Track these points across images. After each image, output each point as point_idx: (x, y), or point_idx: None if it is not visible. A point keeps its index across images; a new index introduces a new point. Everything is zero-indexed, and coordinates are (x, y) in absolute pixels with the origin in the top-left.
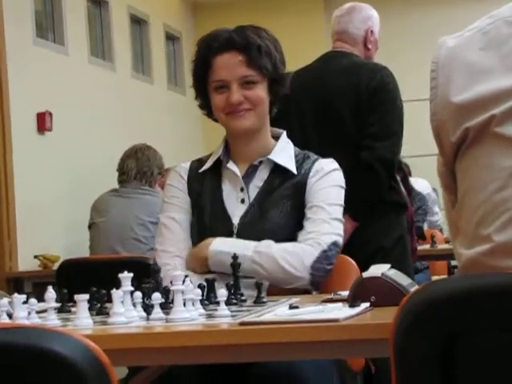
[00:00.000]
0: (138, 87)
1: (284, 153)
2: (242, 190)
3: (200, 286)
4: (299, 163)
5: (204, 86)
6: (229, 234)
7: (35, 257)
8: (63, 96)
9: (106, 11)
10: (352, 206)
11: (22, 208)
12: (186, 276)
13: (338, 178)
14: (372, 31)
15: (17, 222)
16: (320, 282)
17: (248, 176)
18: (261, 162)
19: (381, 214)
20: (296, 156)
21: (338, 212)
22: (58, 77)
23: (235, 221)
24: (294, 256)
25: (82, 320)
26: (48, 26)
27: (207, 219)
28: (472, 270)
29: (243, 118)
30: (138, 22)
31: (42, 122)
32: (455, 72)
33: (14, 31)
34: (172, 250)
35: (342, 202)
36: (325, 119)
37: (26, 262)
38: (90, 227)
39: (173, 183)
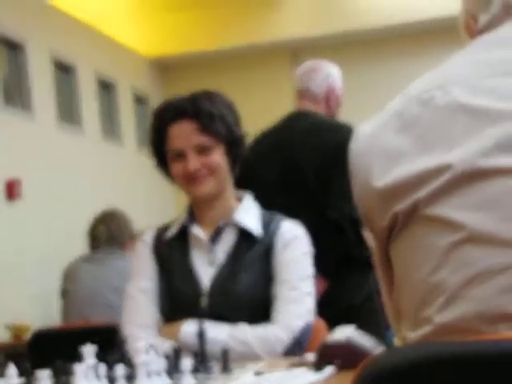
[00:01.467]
0: (108, 151)
1: (248, 214)
2: (209, 253)
3: (166, 356)
4: (265, 224)
5: (163, 154)
6: (199, 298)
7: (6, 327)
8: (32, 162)
9: (73, 76)
10: (321, 266)
11: None
12: (151, 346)
13: (304, 243)
14: (334, 88)
15: None
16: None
17: (214, 239)
18: (226, 225)
19: (349, 271)
20: (261, 217)
21: (309, 284)
22: (26, 143)
23: (205, 284)
24: (267, 344)
25: None
26: (14, 92)
27: (177, 284)
28: None
29: (202, 184)
30: (105, 86)
31: (11, 190)
32: (374, 158)
33: None
34: (136, 321)
35: (311, 270)
36: (289, 180)
37: None
38: (61, 295)
39: (138, 252)
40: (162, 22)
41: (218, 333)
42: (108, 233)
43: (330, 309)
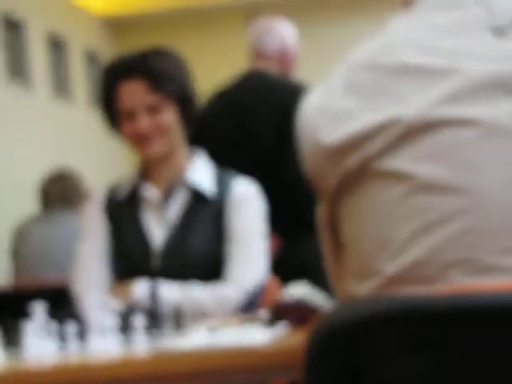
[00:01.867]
0: (58, 108)
1: (201, 173)
2: (161, 213)
3: (119, 313)
4: (218, 182)
5: (113, 112)
6: (151, 258)
7: None
8: None
9: (23, 32)
10: (276, 225)
11: None
12: (104, 303)
13: (258, 203)
14: (288, 48)
15: None
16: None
17: (166, 199)
18: (178, 185)
19: (303, 231)
20: (215, 175)
21: (261, 243)
22: None
23: (157, 244)
24: (219, 302)
25: None
26: None
27: (128, 244)
28: None
29: (153, 145)
30: (56, 43)
31: None
32: (321, 119)
33: None
34: (87, 280)
35: (264, 229)
36: (246, 138)
37: None
38: (12, 254)
39: (89, 211)
40: None
41: (170, 292)
42: (60, 192)
43: (284, 267)
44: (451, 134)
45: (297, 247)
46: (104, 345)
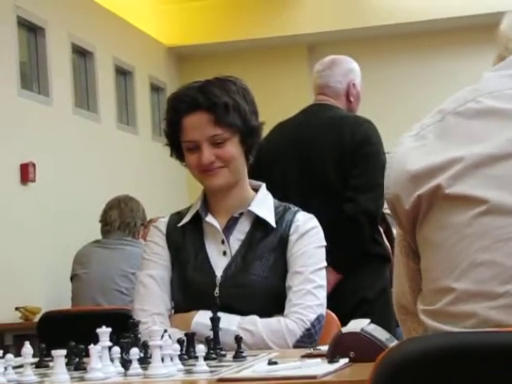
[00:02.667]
0: (123, 138)
1: (263, 205)
2: (223, 242)
3: (179, 341)
4: (279, 215)
5: (178, 144)
6: (212, 287)
7: (16, 309)
8: (47, 147)
9: (91, 62)
10: (335, 259)
11: (4, 259)
12: (165, 331)
13: (319, 236)
14: (354, 84)
15: None
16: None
17: (228, 228)
18: (241, 214)
19: (364, 266)
20: (276, 208)
21: (322, 277)
22: (42, 128)
23: (218, 273)
24: (278, 335)
25: (59, 376)
26: (33, 76)
27: (190, 272)
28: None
29: (216, 176)
30: (123, 73)
31: (26, 173)
32: (411, 155)
33: None
34: (149, 308)
35: (324, 263)
36: (308, 173)
37: (6, 314)
38: (72, 279)
39: (152, 239)
40: (182, 12)
41: (229, 324)
42: (120, 219)
43: (343, 304)
44: None
45: (357, 282)
46: (165, 372)
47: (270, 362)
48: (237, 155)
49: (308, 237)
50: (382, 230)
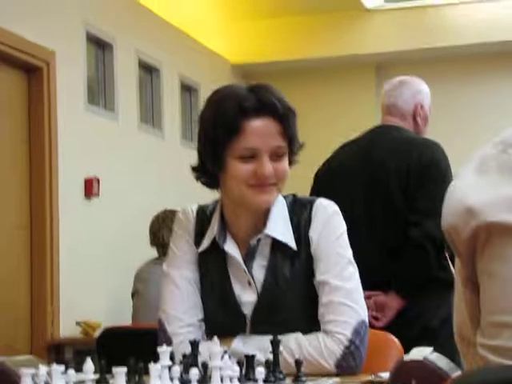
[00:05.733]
0: (187, 155)
1: (279, 222)
2: (245, 272)
3: (238, 363)
4: (295, 228)
5: (219, 150)
6: (238, 327)
7: (77, 323)
8: (112, 162)
9: (157, 78)
10: (400, 284)
11: (66, 273)
12: (225, 352)
13: (335, 230)
14: (422, 105)
15: (60, 288)
16: (352, 368)
17: (250, 254)
18: (259, 240)
19: (429, 292)
20: (291, 218)
21: (351, 277)
22: (108, 143)
23: (247, 311)
24: (319, 356)
25: None
26: (99, 92)
27: (215, 305)
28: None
29: (269, 193)
30: (188, 90)
31: (90, 188)
32: (471, 189)
33: (66, 97)
34: (184, 318)
35: (349, 253)
36: (374, 195)
37: (67, 329)
38: (132, 295)
39: (181, 230)
40: (249, 30)
41: (268, 349)
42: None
43: (407, 330)
44: None
45: (421, 309)
46: None
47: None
48: (288, 174)
49: (327, 232)
50: (447, 256)
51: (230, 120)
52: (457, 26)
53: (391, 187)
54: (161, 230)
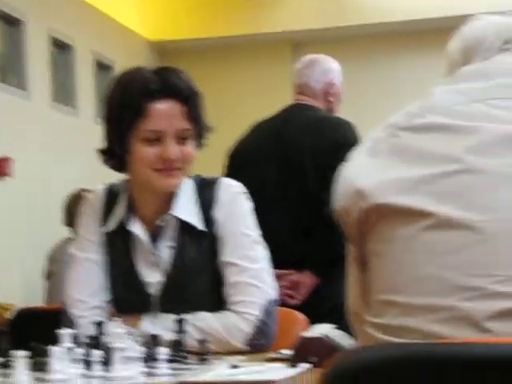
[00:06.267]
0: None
1: (186, 203)
2: (152, 253)
3: (143, 343)
4: (204, 208)
5: (125, 132)
6: (144, 307)
7: None
8: (25, 141)
9: (70, 56)
10: (313, 262)
11: None
12: (130, 333)
13: (244, 208)
14: (333, 84)
15: None
16: (263, 346)
17: (156, 235)
18: (166, 221)
19: (341, 270)
20: (199, 199)
21: (260, 258)
22: (20, 122)
23: (154, 290)
24: (229, 335)
25: (20, 377)
26: (10, 70)
27: (119, 287)
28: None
29: (174, 177)
30: (103, 68)
31: (2, 167)
32: (361, 170)
33: None
34: (89, 300)
35: (257, 231)
36: (288, 174)
37: None
38: (46, 276)
39: (89, 210)
40: (165, 6)
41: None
42: None
43: (319, 307)
44: (468, 179)
45: (332, 286)
46: (128, 374)
47: (232, 366)
48: (194, 158)
49: (232, 212)
50: None
51: (135, 102)
52: (371, 4)
53: (305, 167)
54: (75, 209)
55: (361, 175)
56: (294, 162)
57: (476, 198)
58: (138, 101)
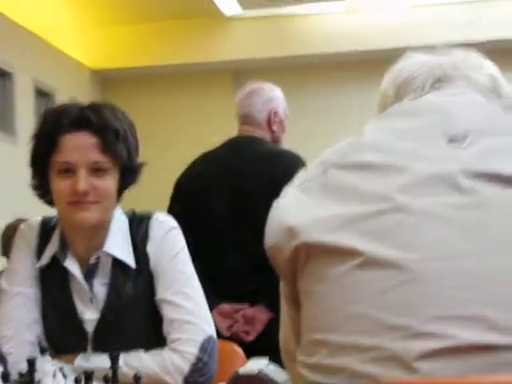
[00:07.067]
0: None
1: (119, 239)
2: (87, 289)
3: (76, 380)
4: (134, 245)
5: (44, 166)
6: (81, 342)
7: None
8: None
9: (10, 83)
10: (267, 296)
11: None
12: (60, 369)
13: (177, 244)
14: (276, 112)
15: None
16: (202, 383)
17: (91, 271)
18: (99, 258)
19: None
20: (131, 235)
21: (195, 294)
22: None
23: (89, 328)
24: (165, 373)
25: None
26: None
27: (54, 322)
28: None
29: (88, 210)
30: (44, 95)
31: None
32: (292, 208)
33: None
34: (21, 337)
35: (191, 267)
36: (239, 210)
37: None
38: None
39: (23, 243)
40: (107, 35)
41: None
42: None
43: (273, 340)
44: (395, 217)
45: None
46: None
47: None
48: (113, 192)
49: (164, 249)
50: None
51: (48, 135)
52: (312, 35)
53: (256, 200)
54: (12, 239)
55: (292, 212)
56: (245, 196)
57: (403, 236)
58: (50, 134)
